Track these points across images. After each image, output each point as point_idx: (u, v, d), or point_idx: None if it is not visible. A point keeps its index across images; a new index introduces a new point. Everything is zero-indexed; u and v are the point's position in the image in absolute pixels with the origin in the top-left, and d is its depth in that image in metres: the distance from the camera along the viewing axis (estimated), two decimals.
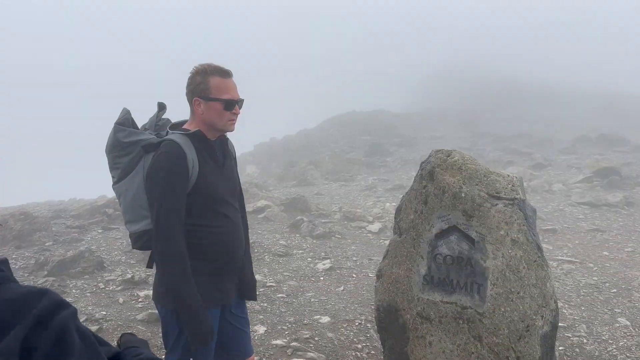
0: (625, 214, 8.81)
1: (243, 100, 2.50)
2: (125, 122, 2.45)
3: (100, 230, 8.07)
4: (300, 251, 7.13)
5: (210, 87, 2.40)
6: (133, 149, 2.40)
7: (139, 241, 2.47)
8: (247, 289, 2.74)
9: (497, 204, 2.87)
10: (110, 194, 8.84)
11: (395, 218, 3.27)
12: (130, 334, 1.42)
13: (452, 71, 37.03)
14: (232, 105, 2.43)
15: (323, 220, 8.49)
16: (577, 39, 43.28)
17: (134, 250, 6.31)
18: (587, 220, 8.45)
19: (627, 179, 11.11)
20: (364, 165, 15.52)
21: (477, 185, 2.93)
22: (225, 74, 2.44)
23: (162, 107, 2.60)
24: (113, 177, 2.48)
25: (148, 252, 2.56)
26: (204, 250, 2.43)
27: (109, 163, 2.46)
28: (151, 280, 5.74)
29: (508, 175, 2.95)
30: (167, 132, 2.48)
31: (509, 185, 2.89)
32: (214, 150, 2.48)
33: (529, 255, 2.83)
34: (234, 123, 2.48)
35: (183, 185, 2.33)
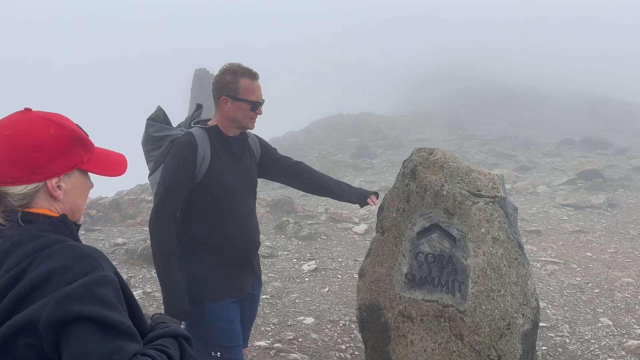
0: (608, 215, 8.89)
1: (264, 101, 2.64)
2: (156, 118, 2.65)
3: (82, 232, 7.95)
4: (286, 252, 7.09)
5: (239, 88, 2.53)
6: (163, 143, 2.58)
7: None
8: None
9: (478, 202, 2.86)
10: (93, 195, 8.74)
11: (377, 216, 3.25)
12: (161, 314, 1.51)
13: (438, 74, 37.30)
14: (258, 106, 2.58)
15: (309, 222, 8.46)
16: (562, 44, 43.86)
17: (115, 252, 6.25)
18: (571, 222, 8.51)
19: (610, 181, 11.24)
20: (350, 167, 15.53)
21: (458, 183, 2.93)
22: (253, 76, 2.58)
23: (198, 107, 2.78)
24: (149, 169, 2.65)
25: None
26: (211, 242, 2.52)
27: (144, 155, 2.65)
28: (132, 282, 5.66)
29: (489, 173, 2.94)
30: (191, 126, 2.65)
31: (490, 183, 2.89)
32: (230, 144, 2.60)
33: (509, 253, 2.83)
34: (255, 122, 2.63)
35: (186, 171, 2.44)
